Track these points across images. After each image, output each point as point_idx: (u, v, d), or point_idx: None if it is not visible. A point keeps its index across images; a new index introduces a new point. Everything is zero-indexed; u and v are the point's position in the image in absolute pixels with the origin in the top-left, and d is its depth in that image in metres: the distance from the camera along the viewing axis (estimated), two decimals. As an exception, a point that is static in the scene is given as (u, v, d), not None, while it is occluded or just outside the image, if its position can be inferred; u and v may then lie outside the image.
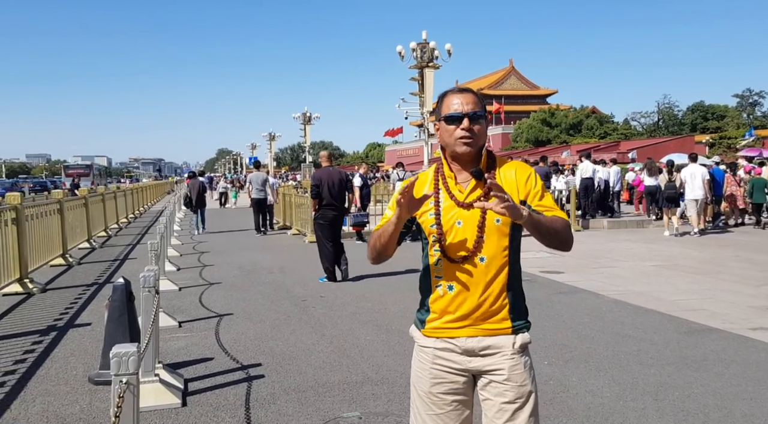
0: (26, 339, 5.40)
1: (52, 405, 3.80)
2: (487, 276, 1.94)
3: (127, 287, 4.46)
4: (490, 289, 1.95)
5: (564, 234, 1.97)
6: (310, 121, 51.71)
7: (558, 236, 1.95)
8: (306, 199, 14.43)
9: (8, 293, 7.29)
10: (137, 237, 15.10)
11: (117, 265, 10.21)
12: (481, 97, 2.05)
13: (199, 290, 7.81)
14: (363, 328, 5.74)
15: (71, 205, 11.52)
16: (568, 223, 2.02)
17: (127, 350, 2.23)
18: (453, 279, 1.97)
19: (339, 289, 7.75)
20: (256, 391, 4.06)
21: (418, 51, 21.40)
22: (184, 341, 5.36)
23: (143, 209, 26.98)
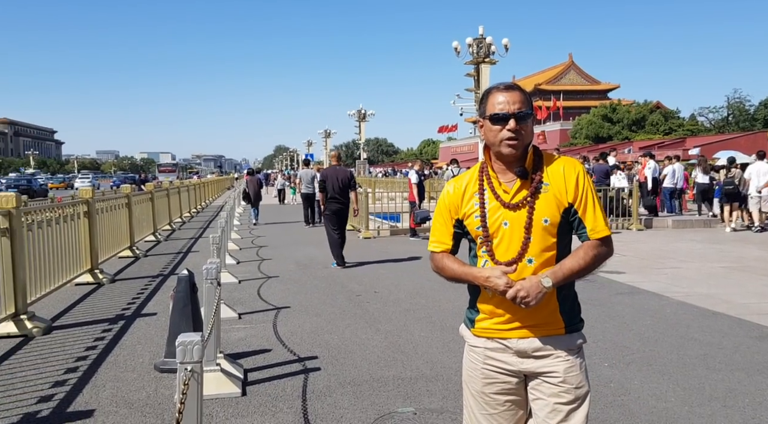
0: (97, 327, 5.68)
1: (121, 391, 3.98)
2: (537, 276, 1.89)
3: (190, 279, 4.62)
4: None
5: (598, 263, 1.93)
6: (364, 118, 52.08)
7: (593, 268, 1.92)
8: (361, 195, 14.55)
9: (80, 283, 7.68)
10: (199, 231, 15.62)
11: (180, 257, 10.60)
12: (527, 95, 1.97)
13: (258, 283, 8.01)
14: (417, 324, 5.74)
15: (138, 199, 12.03)
16: (604, 243, 1.93)
17: (192, 339, 2.31)
18: None
19: (393, 285, 7.78)
20: (312, 383, 4.13)
21: (474, 46, 21.17)
22: (243, 332, 5.51)
23: (205, 204, 27.87)
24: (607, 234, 1.93)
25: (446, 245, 2.05)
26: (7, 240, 5.38)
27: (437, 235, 2.07)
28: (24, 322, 5.37)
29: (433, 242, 2.08)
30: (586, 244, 1.92)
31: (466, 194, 2.01)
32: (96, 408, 3.67)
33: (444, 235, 2.06)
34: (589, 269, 1.90)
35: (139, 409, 3.67)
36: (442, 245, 2.06)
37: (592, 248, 1.90)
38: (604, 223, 1.94)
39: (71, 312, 6.33)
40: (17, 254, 5.48)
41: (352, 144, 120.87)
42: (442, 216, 2.07)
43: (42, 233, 6.29)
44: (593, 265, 1.90)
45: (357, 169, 49.64)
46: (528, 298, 1.82)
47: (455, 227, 2.04)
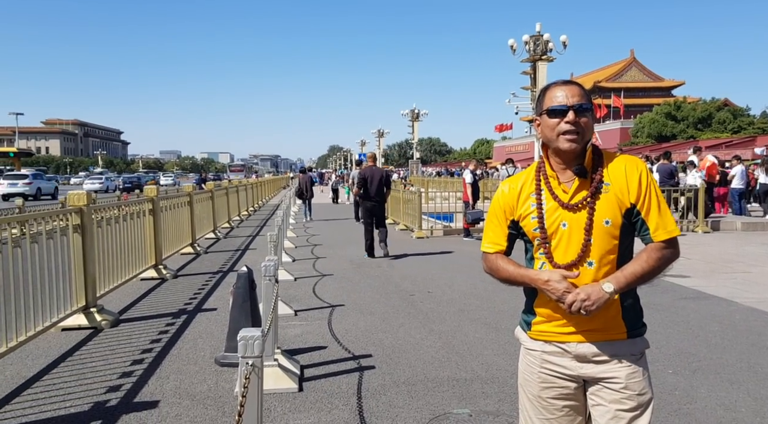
0: (161, 321, 5.90)
1: (184, 383, 4.13)
2: (598, 281, 1.82)
3: (249, 276, 4.74)
4: None
5: (663, 267, 1.85)
6: (418, 118, 52.02)
7: (659, 272, 1.85)
8: (414, 195, 14.55)
9: (145, 278, 8.01)
10: (256, 229, 15.99)
11: (239, 255, 10.88)
12: (586, 91, 1.91)
13: (313, 280, 8.13)
14: (471, 325, 5.69)
15: (199, 198, 12.43)
16: (670, 245, 1.85)
17: (253, 334, 2.36)
18: None
19: (446, 285, 7.74)
20: (367, 381, 4.15)
21: (531, 44, 20.80)
22: (299, 328, 5.60)
23: (261, 203, 28.52)
24: (672, 235, 1.85)
25: (500, 246, 2.01)
26: (78, 236, 5.66)
27: (491, 235, 2.03)
28: (94, 314, 5.64)
29: (487, 243, 2.04)
30: (650, 246, 1.84)
31: (522, 194, 1.97)
32: (160, 399, 3.81)
33: (498, 235, 2.02)
34: (654, 273, 1.83)
35: (200, 401, 3.79)
36: (496, 245, 2.01)
37: (657, 250, 1.83)
38: (670, 224, 1.85)
39: (137, 306, 6.60)
40: (88, 249, 5.76)
41: (404, 144, 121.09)
42: (497, 217, 2.02)
43: (110, 229, 6.59)
44: (658, 268, 1.83)
45: (410, 169, 49.67)
46: (589, 302, 1.76)
47: (510, 227, 2.00)
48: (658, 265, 1.82)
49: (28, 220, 4.81)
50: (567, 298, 1.79)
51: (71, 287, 5.51)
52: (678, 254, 1.88)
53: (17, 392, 3.94)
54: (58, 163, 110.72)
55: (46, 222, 5.05)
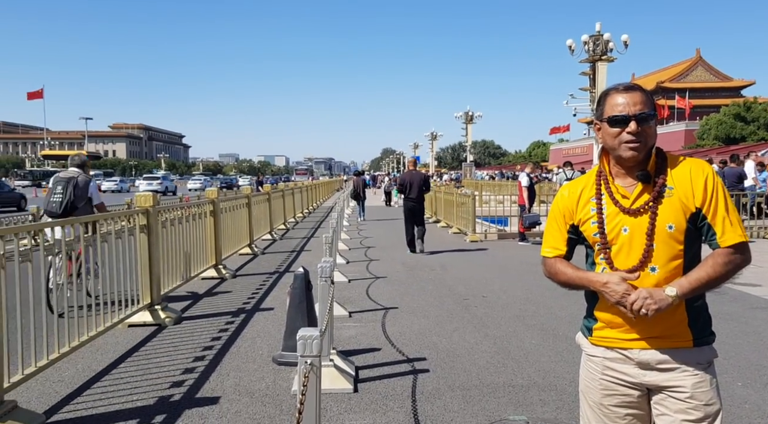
0: (221, 319, 6.08)
1: (243, 380, 4.23)
2: (661, 287, 1.77)
3: (306, 277, 4.83)
4: None
5: (731, 273, 1.77)
6: (471, 120, 51.59)
7: (726, 278, 1.77)
8: (468, 198, 14.43)
9: (206, 277, 8.26)
10: (311, 231, 16.24)
11: (294, 256, 11.08)
12: (649, 95, 1.85)
13: (366, 282, 8.19)
14: (528, 331, 5.60)
15: (257, 199, 12.74)
16: (738, 251, 1.76)
17: (312, 334, 2.40)
18: None
19: (501, 290, 7.64)
20: (421, 384, 4.15)
21: (591, 44, 20.31)
22: (353, 330, 5.66)
23: (316, 205, 28.94)
24: (741, 241, 1.77)
25: (560, 251, 1.98)
26: (144, 236, 5.90)
27: (551, 240, 2.01)
28: (158, 312, 5.87)
29: (546, 247, 2.01)
30: (717, 252, 1.77)
31: (582, 199, 1.94)
32: (221, 395, 3.93)
33: (558, 240, 1.99)
34: (721, 280, 1.76)
35: (259, 398, 3.88)
36: (555, 250, 1.99)
37: (724, 255, 1.76)
38: (738, 228, 1.78)
39: (198, 305, 6.82)
40: (153, 249, 5.99)
41: (458, 146, 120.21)
42: (556, 221, 2.00)
43: (174, 230, 6.84)
44: (725, 275, 1.76)
45: (463, 172, 49.30)
46: (651, 300, 1.70)
47: (570, 232, 1.97)
48: (725, 271, 1.75)
49: (98, 220, 5.06)
50: (629, 298, 1.74)
51: (138, 285, 5.75)
52: (748, 261, 1.80)
53: (88, 384, 4.14)
54: (124, 166, 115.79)
55: (114, 222, 5.30)
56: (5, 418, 3.25)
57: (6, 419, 3.25)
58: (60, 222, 4.60)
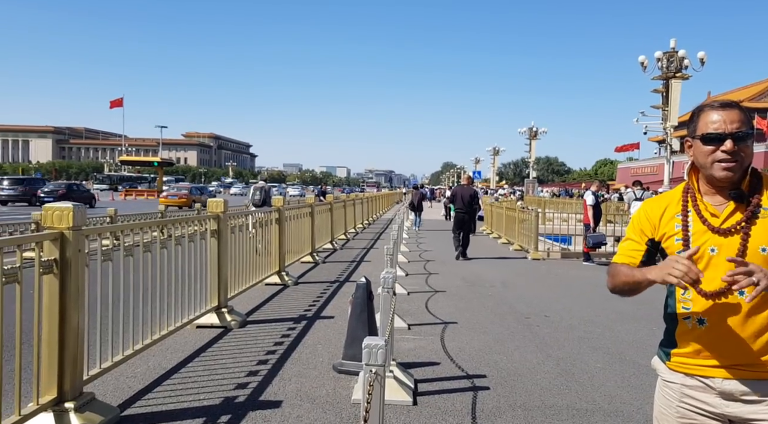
0: (283, 324, 6.21)
1: (304, 386, 4.31)
2: (749, 313, 1.68)
3: (368, 287, 4.87)
4: (752, 327, 1.70)
5: None
6: (536, 136, 50.77)
7: None
8: (530, 214, 14.18)
9: (269, 283, 8.47)
10: (370, 242, 16.37)
11: (354, 266, 11.19)
12: (747, 114, 1.78)
13: (426, 296, 8.16)
14: (593, 354, 5.43)
15: (320, 209, 12.98)
16: None
17: (377, 343, 2.42)
18: (705, 313, 1.75)
19: (565, 310, 7.44)
20: (481, 401, 4.10)
21: (664, 60, 19.68)
22: (412, 343, 5.65)
23: (376, 217, 29.15)
24: None
25: (633, 259, 1.89)
26: (215, 241, 6.12)
27: (625, 250, 1.93)
28: (224, 315, 6.06)
29: (619, 255, 1.94)
30: None
31: (666, 214, 1.87)
32: (283, 400, 4.01)
33: (633, 250, 1.91)
34: None
35: (320, 405, 3.93)
36: (628, 258, 1.90)
37: None
38: None
39: (262, 309, 7.00)
40: (222, 253, 6.21)
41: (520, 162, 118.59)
42: (635, 234, 1.93)
43: (242, 236, 7.06)
44: None
45: (525, 188, 48.46)
46: (762, 274, 1.54)
47: (648, 245, 1.90)
48: None
49: (168, 224, 5.28)
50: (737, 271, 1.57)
51: (206, 287, 5.96)
52: None
53: (159, 381, 4.32)
54: (194, 173, 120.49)
55: (187, 226, 5.53)
56: (83, 409, 3.43)
57: (84, 410, 3.43)
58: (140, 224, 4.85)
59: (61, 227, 3.39)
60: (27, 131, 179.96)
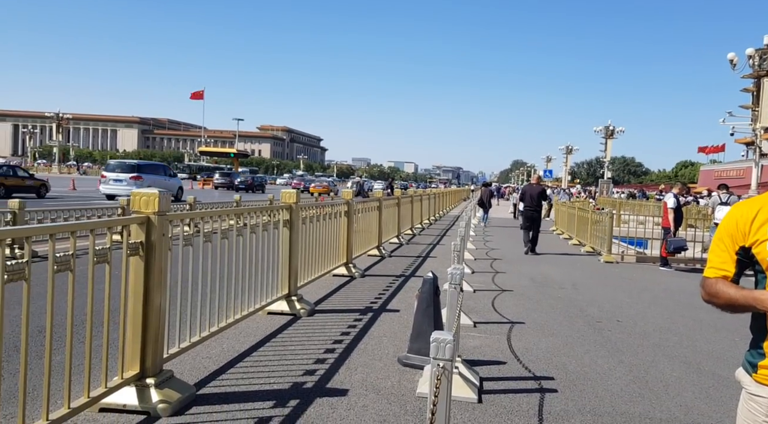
0: (349, 315, 6.31)
1: (370, 377, 4.36)
2: None
3: (434, 282, 4.87)
4: None
5: None
6: (612, 135, 48.98)
7: None
8: (604, 216, 13.70)
9: (337, 274, 8.62)
10: (436, 238, 16.32)
11: (420, 261, 11.20)
12: None
13: (492, 294, 8.07)
14: (668, 362, 5.20)
15: (387, 203, 13.06)
16: None
17: (445, 338, 2.41)
18: None
19: (638, 316, 7.16)
20: (548, 403, 4.02)
21: (756, 58, 18.50)
22: (478, 340, 5.60)
23: (442, 213, 29.02)
24: None
25: (726, 272, 1.82)
26: (287, 230, 6.29)
27: (715, 260, 1.86)
28: (294, 302, 6.22)
29: (711, 268, 1.87)
30: None
31: (758, 219, 1.77)
32: (349, 389, 4.08)
33: (724, 261, 1.83)
34: None
35: (385, 396, 3.98)
36: (719, 271, 1.84)
37: None
38: None
39: (329, 299, 7.14)
40: (293, 243, 6.37)
41: (594, 162, 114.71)
42: (723, 241, 1.85)
43: (312, 227, 7.22)
44: None
45: (600, 188, 46.85)
46: None
47: (738, 254, 1.81)
48: None
49: (244, 213, 5.47)
50: None
51: (278, 275, 6.14)
52: None
53: (232, 363, 4.50)
54: (267, 165, 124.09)
55: (261, 216, 5.70)
56: (163, 386, 3.62)
57: (163, 386, 3.62)
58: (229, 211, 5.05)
59: (147, 212, 3.58)
60: (115, 121, 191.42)
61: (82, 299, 3.06)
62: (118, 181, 25.91)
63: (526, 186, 14.97)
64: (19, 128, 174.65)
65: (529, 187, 14.55)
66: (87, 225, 3.29)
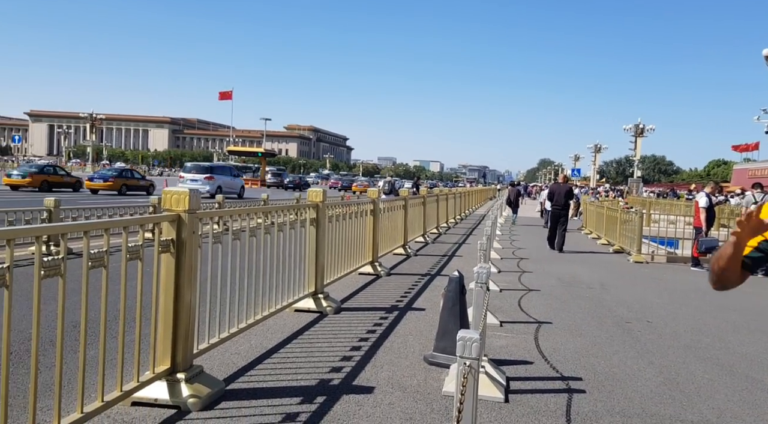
0: (375, 313, 6.32)
1: (396, 375, 4.37)
2: None
3: (460, 281, 4.86)
4: None
5: None
6: (642, 134, 48.17)
7: None
8: (633, 215, 13.48)
9: (363, 272, 8.64)
10: (462, 237, 16.25)
11: (446, 260, 11.17)
12: None
13: (518, 294, 8.00)
14: (700, 364, 5.10)
15: (413, 203, 13.05)
16: None
17: (472, 336, 2.41)
18: None
19: (669, 317, 7.03)
20: (576, 404, 3.97)
21: (795, 51, 17.93)
22: (504, 340, 5.57)
23: (468, 212, 28.87)
24: None
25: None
26: (313, 229, 6.33)
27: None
28: (321, 300, 6.27)
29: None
30: None
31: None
32: (375, 386, 4.10)
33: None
34: None
35: (411, 394, 3.98)
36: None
37: None
38: None
39: (355, 297, 7.16)
40: (320, 241, 6.41)
41: (624, 160, 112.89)
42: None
43: (338, 225, 7.26)
44: None
45: (629, 187, 46.08)
46: None
47: (761, 244, 1.87)
48: None
49: (272, 211, 5.52)
50: None
51: (305, 273, 6.19)
52: None
53: (260, 359, 4.55)
54: (294, 164, 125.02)
55: (288, 214, 5.76)
56: (193, 380, 3.69)
57: (194, 381, 3.68)
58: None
59: (178, 210, 3.65)
60: (146, 121, 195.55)
61: (114, 295, 3.14)
62: (195, 180, 29.26)
63: (554, 185, 15.49)
64: (54, 128, 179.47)
65: (557, 185, 14.96)
66: (120, 222, 3.37)
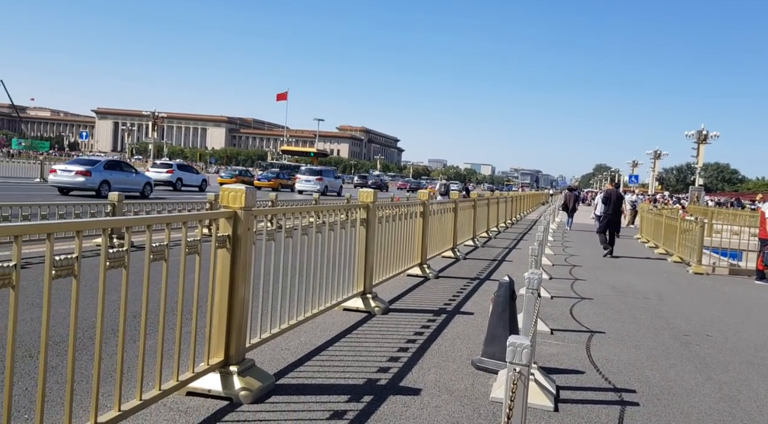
0: (423, 316, 6.31)
1: (443, 378, 4.36)
2: None
3: (511, 286, 4.79)
4: None
5: None
6: (705, 140, 46.22)
7: None
8: (694, 224, 12.96)
9: (411, 274, 8.64)
10: (513, 242, 16.01)
11: (495, 265, 11.03)
12: None
13: (570, 301, 7.83)
14: (763, 382, 4.86)
15: (463, 205, 12.95)
16: None
17: (522, 342, 2.38)
18: None
19: (731, 331, 6.73)
20: (629, 417, 3.86)
21: None
22: (555, 348, 5.46)
23: (519, 217, 28.42)
24: None
25: None
26: (363, 229, 6.38)
27: None
28: (369, 300, 6.31)
29: None
30: None
31: None
32: (422, 388, 4.09)
33: None
34: None
35: (458, 398, 3.96)
36: None
37: None
38: None
39: (403, 299, 7.17)
40: (369, 241, 6.45)
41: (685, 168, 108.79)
42: None
43: (388, 226, 7.28)
44: None
45: (690, 196, 44.32)
46: None
47: None
48: None
49: (323, 211, 5.60)
50: None
51: (354, 273, 6.24)
52: None
53: (309, 356, 4.62)
54: (345, 165, 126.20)
55: (339, 214, 5.82)
56: (245, 374, 3.78)
57: (245, 374, 3.78)
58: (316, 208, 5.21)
59: (235, 207, 3.75)
60: (204, 120, 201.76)
61: (172, 288, 3.25)
62: (308, 181, 37.72)
63: (608, 191, 15.32)
64: (119, 126, 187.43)
65: (611, 191, 15.08)
66: (180, 217, 3.49)
